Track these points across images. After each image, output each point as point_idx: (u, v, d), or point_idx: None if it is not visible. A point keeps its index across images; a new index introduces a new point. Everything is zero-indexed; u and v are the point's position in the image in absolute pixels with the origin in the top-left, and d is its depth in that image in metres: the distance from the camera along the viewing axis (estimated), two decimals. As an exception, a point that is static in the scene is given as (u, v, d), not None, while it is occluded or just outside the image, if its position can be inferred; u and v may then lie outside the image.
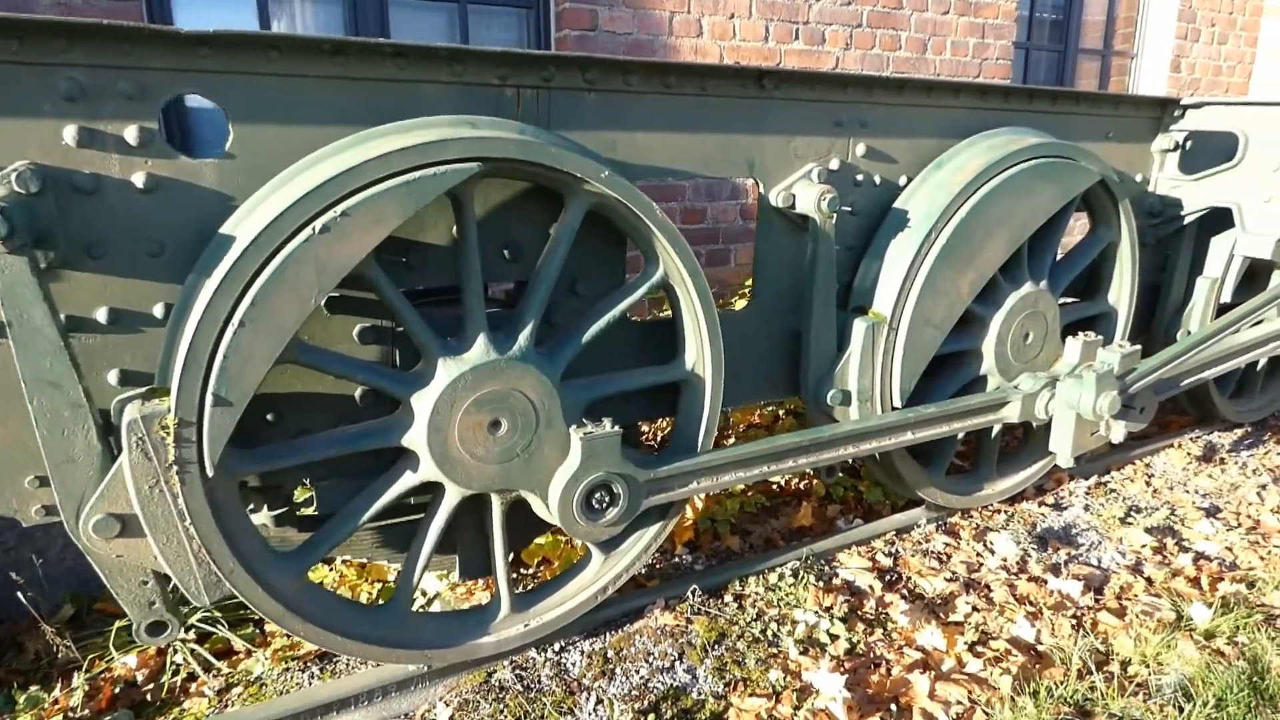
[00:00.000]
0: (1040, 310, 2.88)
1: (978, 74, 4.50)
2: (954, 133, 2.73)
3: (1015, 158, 2.64)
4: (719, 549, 2.94)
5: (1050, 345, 2.96)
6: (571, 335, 2.10)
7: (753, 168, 2.39)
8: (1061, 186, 2.77)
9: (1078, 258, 3.07)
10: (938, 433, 2.65)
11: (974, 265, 2.64)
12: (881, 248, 2.60)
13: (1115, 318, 3.20)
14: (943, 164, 2.66)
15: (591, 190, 1.97)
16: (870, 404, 2.63)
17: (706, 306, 2.19)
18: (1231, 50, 5.57)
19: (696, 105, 2.25)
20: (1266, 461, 3.69)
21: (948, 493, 3.02)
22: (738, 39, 3.71)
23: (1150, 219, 3.39)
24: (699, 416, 2.31)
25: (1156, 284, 3.56)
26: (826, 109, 2.46)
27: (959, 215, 2.56)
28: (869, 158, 2.59)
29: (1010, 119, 2.85)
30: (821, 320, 2.53)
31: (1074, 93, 2.98)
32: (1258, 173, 3.08)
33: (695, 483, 2.23)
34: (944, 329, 2.66)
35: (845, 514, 3.19)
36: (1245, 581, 2.70)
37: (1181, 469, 3.59)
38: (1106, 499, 3.31)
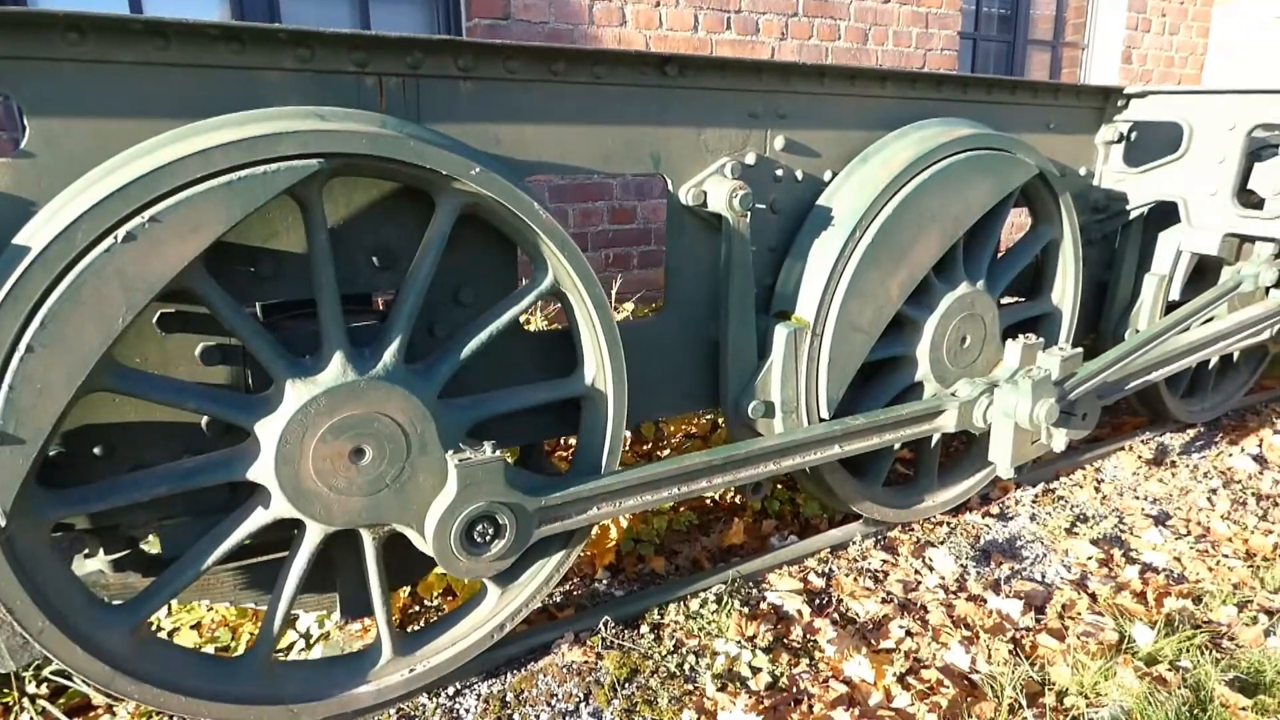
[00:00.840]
0: (978, 312, 2.72)
1: (922, 65, 4.35)
2: (882, 124, 2.56)
3: (946, 150, 2.48)
4: (643, 572, 2.75)
5: (990, 349, 2.80)
6: (451, 350, 1.89)
7: (658, 162, 2.20)
8: (997, 180, 2.61)
9: (1018, 256, 2.92)
10: (867, 445, 2.48)
11: (903, 265, 2.47)
12: (804, 248, 2.43)
13: (1059, 318, 3.06)
14: (869, 158, 2.49)
15: (463, 189, 1.76)
16: (795, 416, 2.45)
17: (603, 315, 2.00)
18: (1183, 41, 5.48)
19: (591, 94, 2.05)
20: (1219, 463, 3.58)
21: (885, 506, 2.85)
22: (665, 28, 3.52)
23: (1095, 214, 3.25)
24: (601, 435, 2.12)
25: (1104, 281, 3.43)
26: (739, 98, 2.28)
27: (885, 212, 2.39)
28: (789, 151, 2.41)
29: (944, 109, 2.68)
30: (739, 327, 2.35)
31: (1011, 81, 2.82)
32: (1202, 165, 2.94)
33: (595, 509, 2.03)
34: (873, 334, 2.49)
35: (781, 530, 3.02)
36: (1192, 596, 2.56)
37: (1132, 473, 3.46)
38: (1054, 507, 3.17)
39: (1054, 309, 3.05)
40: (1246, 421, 4.04)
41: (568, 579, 2.69)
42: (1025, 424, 2.49)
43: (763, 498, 2.57)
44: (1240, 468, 3.52)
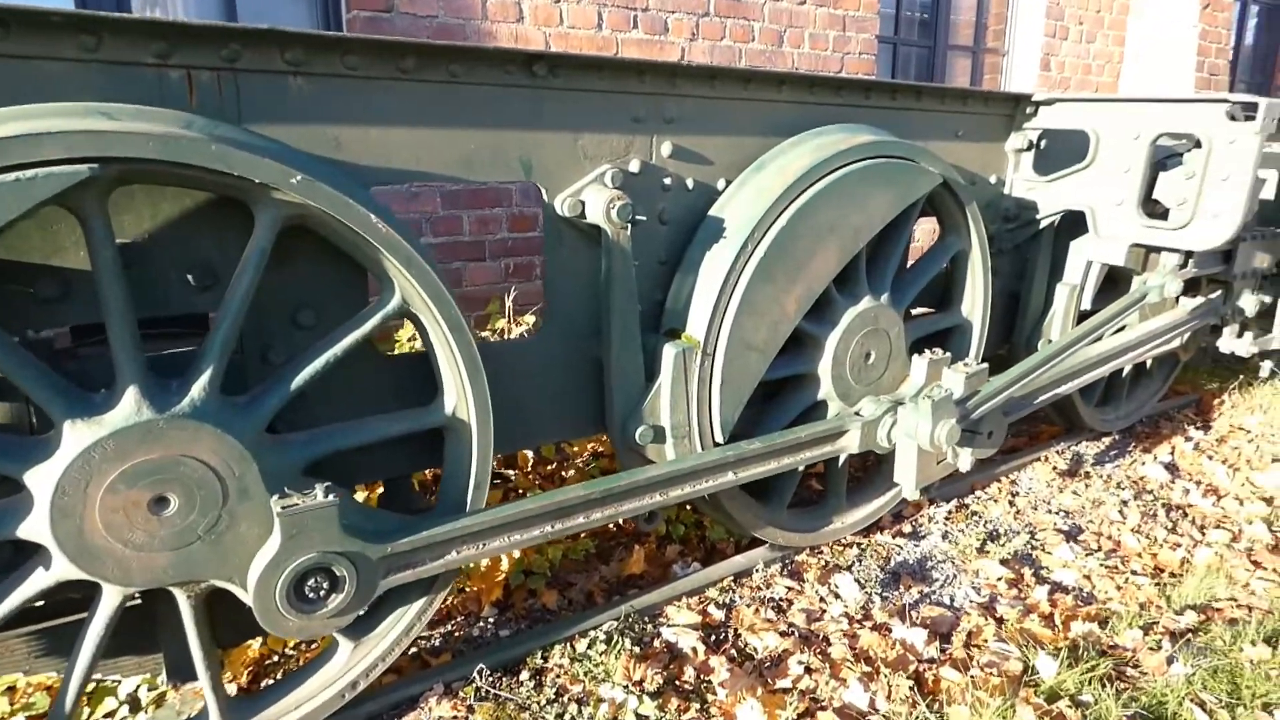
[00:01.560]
0: (882, 327, 2.61)
1: (840, 69, 4.26)
2: (780, 130, 2.43)
3: (844, 158, 2.35)
4: (533, 608, 2.56)
5: (896, 365, 2.69)
6: (279, 380, 1.68)
7: (530, 170, 2.02)
8: (899, 190, 2.50)
9: (925, 267, 2.82)
10: (764, 470, 2.34)
11: (800, 279, 2.33)
12: (695, 261, 2.27)
13: (970, 330, 2.97)
14: (764, 165, 2.35)
15: (284, 200, 1.55)
16: (688, 440, 2.30)
17: (460, 338, 1.80)
18: (1100, 49, 5.53)
19: (447, 95, 1.86)
20: (1132, 472, 3.55)
21: (791, 531, 2.72)
22: (565, 25, 3.34)
23: (1007, 223, 3.18)
24: (466, 469, 1.93)
25: (1017, 292, 3.36)
26: (621, 101, 2.11)
27: (779, 223, 2.25)
28: (678, 158, 2.25)
29: (846, 115, 2.56)
30: (623, 347, 2.18)
31: (916, 87, 2.72)
32: (1109, 174, 2.89)
33: (454, 553, 1.84)
34: (769, 352, 2.35)
35: (685, 556, 2.86)
36: (1099, 618, 2.48)
37: (1046, 485, 3.40)
38: (967, 524, 3.08)
39: (964, 321, 2.96)
40: (1160, 428, 4.04)
41: (449, 618, 2.49)
42: (926, 446, 2.38)
43: (658, 526, 2.40)
44: (1153, 477, 3.50)
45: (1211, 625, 2.42)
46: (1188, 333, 3.43)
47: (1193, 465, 3.63)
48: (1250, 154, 2.54)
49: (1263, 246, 3.47)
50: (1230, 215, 2.61)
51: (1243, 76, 7.33)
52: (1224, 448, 3.82)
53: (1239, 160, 2.56)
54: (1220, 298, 3.47)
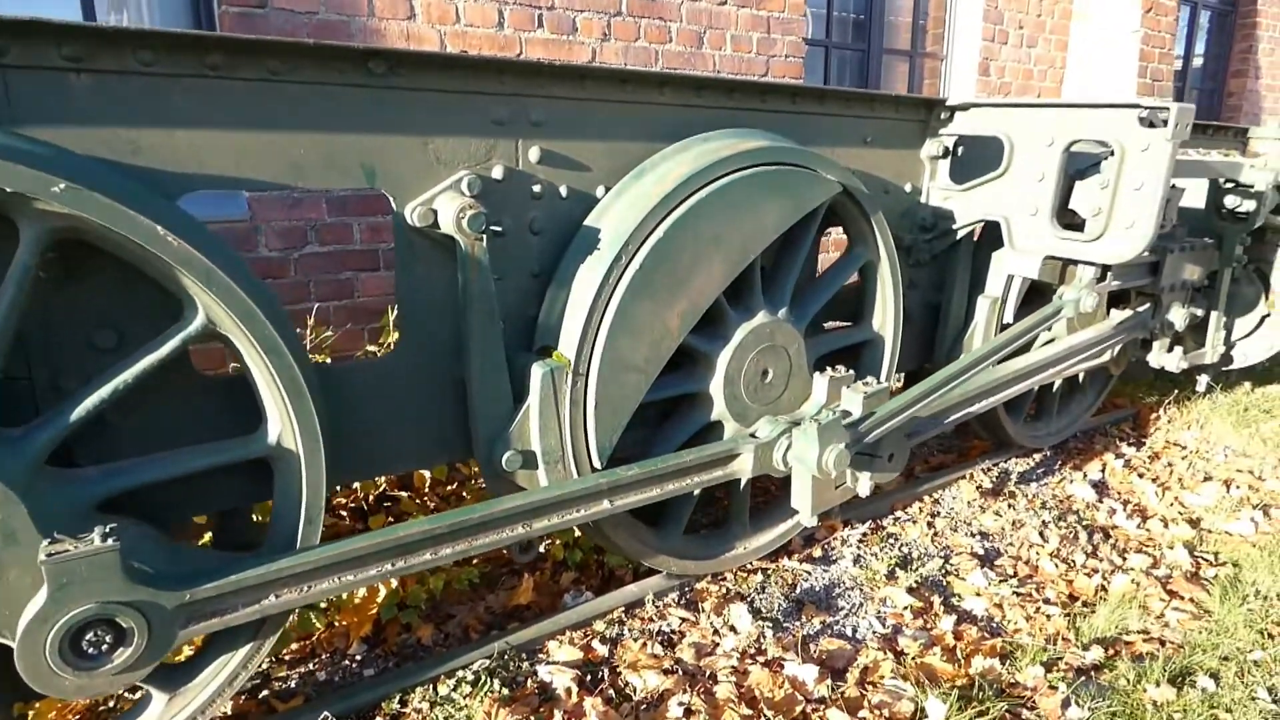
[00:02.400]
0: (780, 343, 2.47)
1: (764, 72, 4.13)
2: (665, 135, 2.28)
3: (730, 165, 2.21)
4: (406, 644, 2.40)
5: (797, 383, 2.56)
6: (60, 409, 1.51)
7: (374, 176, 1.86)
8: (793, 199, 2.37)
9: (830, 281, 2.69)
10: (645, 498, 2.19)
11: (683, 294, 2.19)
12: (568, 275, 2.12)
13: (881, 346, 2.84)
14: (644, 172, 2.21)
15: (48, 211, 1.39)
16: (561, 466, 2.15)
17: (279, 361, 1.64)
18: (1042, 54, 5.45)
19: (269, 94, 1.70)
20: (1059, 491, 3.44)
21: (687, 559, 2.57)
22: (462, 24, 3.18)
23: (924, 233, 3.06)
24: (295, 503, 1.76)
25: (938, 304, 3.25)
26: (477, 102, 1.96)
27: (657, 235, 2.11)
28: (549, 164, 2.10)
29: (740, 119, 2.43)
30: (485, 367, 2.03)
31: (818, 90, 2.59)
32: (1023, 182, 2.77)
33: (272, 597, 1.67)
34: (650, 372, 2.20)
35: (580, 584, 2.71)
36: (1003, 653, 2.36)
37: (968, 505, 3.28)
38: (882, 546, 2.95)
39: (875, 336, 2.84)
40: (1093, 444, 3.95)
41: (312, 655, 2.32)
42: (814, 472, 2.24)
43: (527, 561, 2.24)
44: (1080, 496, 3.39)
45: (1118, 661, 2.30)
46: (1114, 348, 3.33)
47: (1122, 484, 3.53)
48: (1163, 162, 2.43)
49: (1191, 258, 3.38)
50: (1143, 227, 2.50)
51: (1194, 84, 7.31)
52: (1156, 465, 3.72)
53: (1152, 168, 2.45)
54: (1149, 311, 3.37)
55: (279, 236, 2.93)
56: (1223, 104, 7.31)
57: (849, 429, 2.28)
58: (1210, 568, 2.80)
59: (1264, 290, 3.75)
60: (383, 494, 2.90)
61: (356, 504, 2.85)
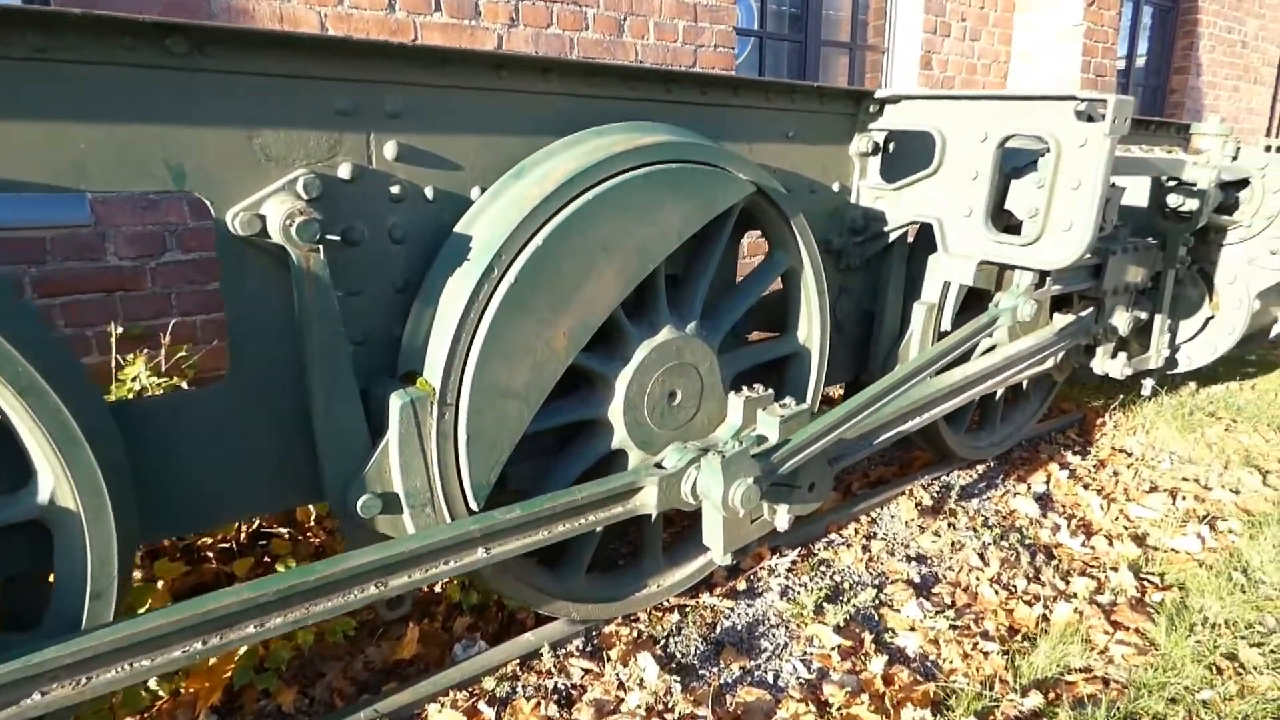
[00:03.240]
0: (689, 361, 2.22)
1: (692, 62, 3.89)
2: (553, 128, 2.02)
3: (623, 162, 1.95)
4: (265, 711, 2.10)
5: (711, 404, 2.31)
6: None
7: (182, 177, 1.56)
8: (699, 200, 2.11)
9: (747, 290, 2.44)
10: (530, 543, 1.92)
11: (570, 309, 1.92)
12: (434, 290, 1.84)
13: (808, 359, 2.61)
14: (525, 171, 1.94)
15: None
16: (431, 510, 1.87)
17: (39, 403, 1.34)
18: (985, 48, 5.29)
19: (39, 76, 1.39)
20: (1002, 506, 3.25)
21: (591, 601, 2.31)
22: (346, 6, 2.87)
23: (854, 235, 2.84)
24: (79, 572, 1.46)
25: (873, 311, 3.03)
26: (315, 90, 1.67)
27: (535, 243, 1.84)
28: (411, 162, 1.82)
29: (642, 111, 2.17)
30: (332, 397, 1.74)
31: (731, 79, 2.34)
32: (956, 181, 2.56)
33: (37, 695, 1.36)
34: (534, 398, 1.93)
35: (475, 631, 2.43)
36: (935, 701, 2.14)
37: (906, 525, 3.07)
38: (813, 575, 2.72)
39: (800, 349, 2.60)
40: (1039, 452, 3.78)
41: (151, 732, 2.01)
42: (720, 510, 2.00)
43: (397, 617, 1.96)
44: (1023, 512, 3.20)
45: (1058, 708, 2.10)
46: (1056, 355, 3.15)
47: (1067, 496, 3.36)
48: (1101, 159, 2.23)
49: (1135, 259, 3.21)
50: (1081, 229, 2.30)
51: (1138, 81, 7.26)
52: (1102, 474, 3.56)
53: (1089, 166, 2.25)
54: (1092, 316, 3.20)
55: (131, 243, 2.59)
56: (1165, 101, 7.27)
57: (760, 459, 2.03)
58: (1156, 591, 2.62)
59: (1207, 292, 3.61)
60: (258, 531, 2.59)
61: (228, 543, 2.54)
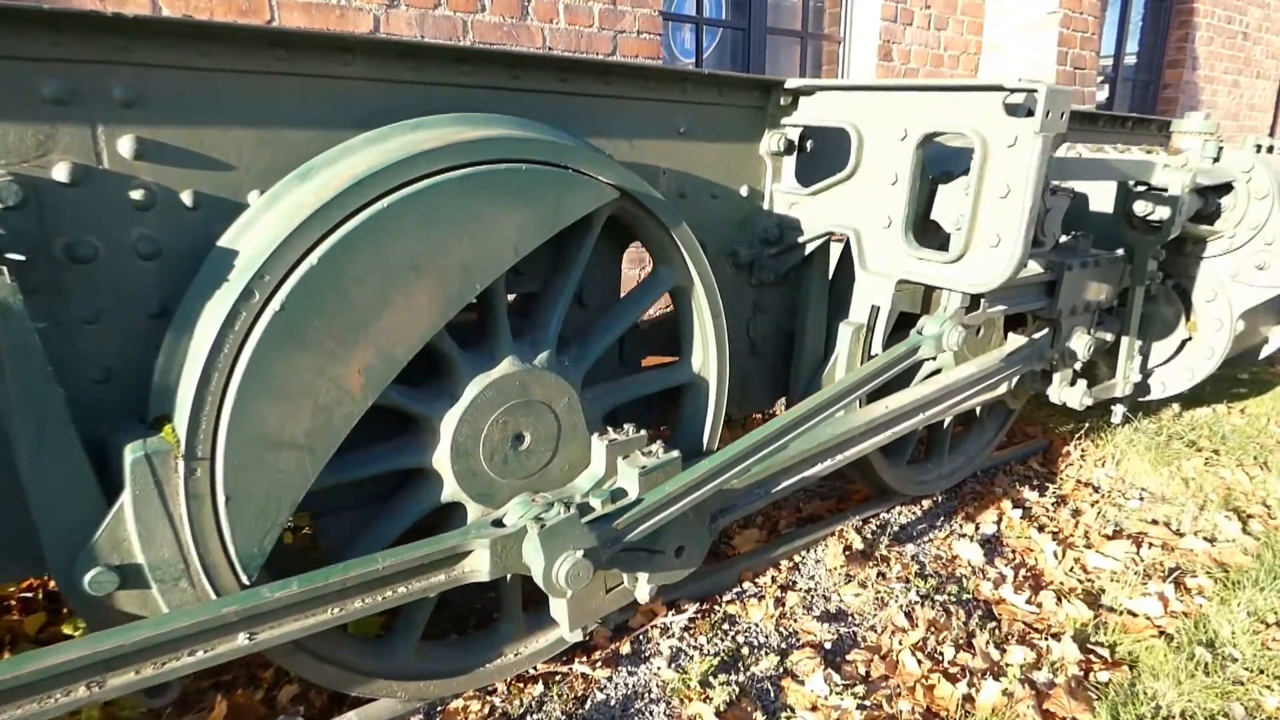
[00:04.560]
0: (540, 398, 1.87)
1: (611, 50, 3.54)
2: (361, 121, 1.67)
3: (429, 163, 1.60)
4: (19, 811, 1.76)
5: (573, 447, 1.96)
6: None
7: None
8: (543, 208, 1.76)
9: (622, 313, 2.10)
10: (312, 624, 1.57)
11: (364, 340, 1.58)
12: (188, 317, 1.50)
13: (704, 390, 2.26)
14: (313, 172, 1.59)
15: None
16: (187, 584, 1.53)
17: None
18: (953, 38, 4.92)
19: None
20: (943, 551, 2.90)
21: (426, 678, 1.97)
22: (184, -22, 2.55)
23: (768, 247, 2.49)
24: None
25: (793, 331, 2.68)
26: (13, 72, 1.33)
27: (312, 259, 1.49)
28: (157, 160, 1.48)
29: (480, 100, 1.82)
30: (37, 451, 1.40)
31: (599, 64, 1.99)
32: (873, 186, 2.21)
33: None
34: (320, 448, 1.59)
35: (300, 702, 2.09)
36: (821, 808, 1.80)
37: (830, 573, 2.72)
38: (712, 635, 2.37)
39: (694, 378, 2.26)
40: (994, 485, 3.42)
41: None
42: (546, 586, 1.65)
43: (171, 700, 1.62)
44: (966, 558, 2.85)
45: (963, 823, 1.75)
46: (1006, 383, 2.79)
47: (1020, 539, 3.00)
48: (1031, 160, 1.87)
49: (1097, 275, 2.85)
50: (1011, 245, 1.95)
51: (1129, 75, 6.86)
52: (1062, 513, 3.20)
53: (1019, 169, 1.90)
54: (1047, 338, 2.84)
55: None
56: (1158, 97, 6.87)
57: (599, 526, 1.68)
58: (1103, 669, 2.27)
59: (1184, 311, 3.25)
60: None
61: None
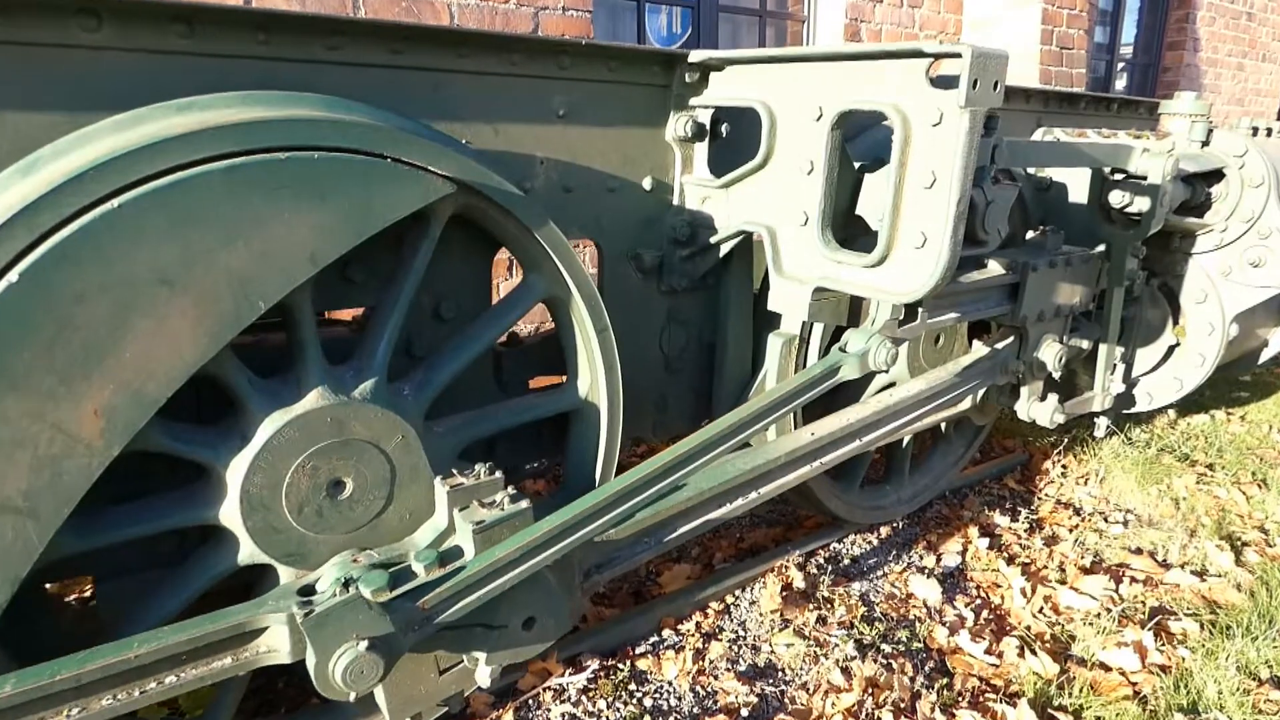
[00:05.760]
0: (363, 437, 1.55)
1: (533, 27, 3.20)
2: (119, 100, 1.36)
3: (189, 149, 1.28)
4: None
5: (414, 493, 1.64)
6: None
7: None
8: (347, 205, 1.43)
9: (478, 332, 1.76)
10: (39, 731, 1.26)
11: (100, 375, 1.26)
12: None
13: (594, 418, 1.93)
14: (39, 165, 1.27)
15: None
16: (-127, 685, 1.21)
17: None
18: (930, 16, 4.55)
19: None
20: (898, 587, 2.56)
21: (241, 768, 1.65)
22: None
23: (680, 248, 2.15)
24: None
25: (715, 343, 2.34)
26: None
27: (13, 275, 1.17)
28: None
29: (287, 77, 1.50)
30: None
31: (449, 32, 1.66)
32: (788, 174, 1.87)
33: None
34: (48, 509, 1.27)
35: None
36: None
37: (763, 617, 2.39)
38: (614, 700, 2.05)
39: (582, 403, 1.93)
40: (963, 508, 3.08)
41: None
42: (319, 686, 1.33)
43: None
44: (922, 597, 2.51)
45: None
46: (968, 398, 2.46)
47: (986, 572, 2.66)
48: (957, 142, 1.53)
49: (1069, 275, 2.50)
50: (937, 246, 1.61)
51: (1127, 58, 6.45)
52: (1035, 541, 2.85)
53: (944, 154, 1.56)
54: (1011, 348, 2.50)
55: None
56: (1158, 80, 6.46)
57: (401, 604, 1.35)
58: (1063, 743, 1.94)
59: (1171, 313, 2.89)
60: None
61: None
